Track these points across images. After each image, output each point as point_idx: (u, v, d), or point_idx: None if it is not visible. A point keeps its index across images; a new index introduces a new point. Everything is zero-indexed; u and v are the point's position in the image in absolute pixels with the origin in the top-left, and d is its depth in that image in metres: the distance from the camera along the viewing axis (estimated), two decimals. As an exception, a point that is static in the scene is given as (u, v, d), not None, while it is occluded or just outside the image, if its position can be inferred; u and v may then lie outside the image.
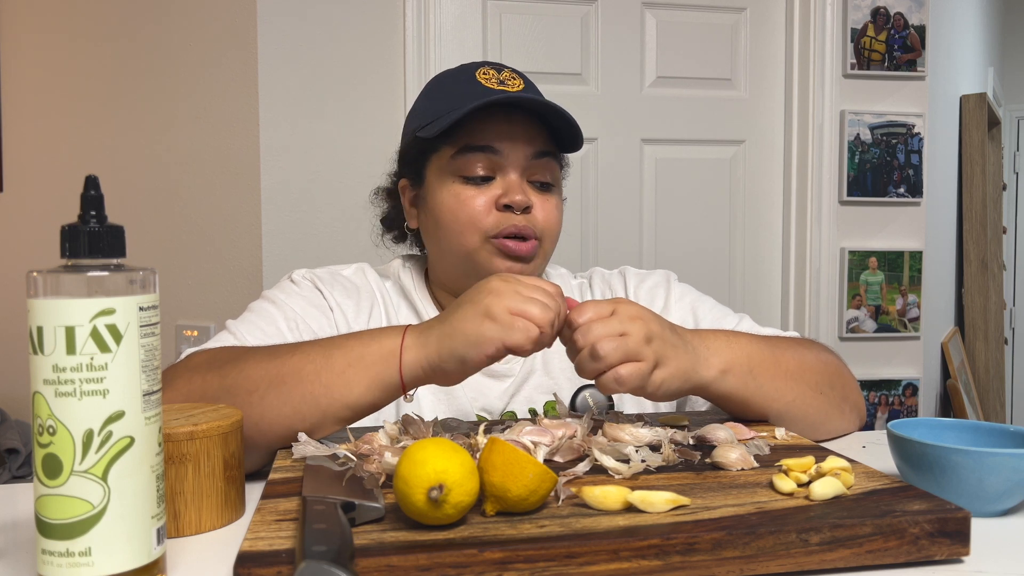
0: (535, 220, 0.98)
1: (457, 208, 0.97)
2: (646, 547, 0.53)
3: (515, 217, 0.96)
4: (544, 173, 0.99)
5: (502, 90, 0.96)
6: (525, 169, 0.98)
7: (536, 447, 0.71)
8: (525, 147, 0.97)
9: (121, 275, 0.51)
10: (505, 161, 0.97)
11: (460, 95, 0.96)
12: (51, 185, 2.28)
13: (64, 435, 0.49)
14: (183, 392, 0.79)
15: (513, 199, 0.95)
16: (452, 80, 1.01)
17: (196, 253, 1.97)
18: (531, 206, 0.97)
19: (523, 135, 0.97)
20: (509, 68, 1.01)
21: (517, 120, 0.97)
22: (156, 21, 2.01)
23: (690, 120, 2.16)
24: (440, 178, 0.99)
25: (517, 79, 1.00)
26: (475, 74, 0.98)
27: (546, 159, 0.99)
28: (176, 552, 0.60)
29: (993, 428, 0.75)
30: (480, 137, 0.96)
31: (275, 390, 0.76)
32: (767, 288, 2.25)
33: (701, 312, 1.07)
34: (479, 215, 0.96)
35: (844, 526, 0.56)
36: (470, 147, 0.96)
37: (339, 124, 1.92)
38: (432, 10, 1.92)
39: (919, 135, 2.18)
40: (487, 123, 0.96)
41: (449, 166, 0.98)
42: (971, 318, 3.00)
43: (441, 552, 0.51)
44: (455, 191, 0.97)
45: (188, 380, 0.80)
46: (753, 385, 0.85)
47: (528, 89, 0.99)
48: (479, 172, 0.97)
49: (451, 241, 0.99)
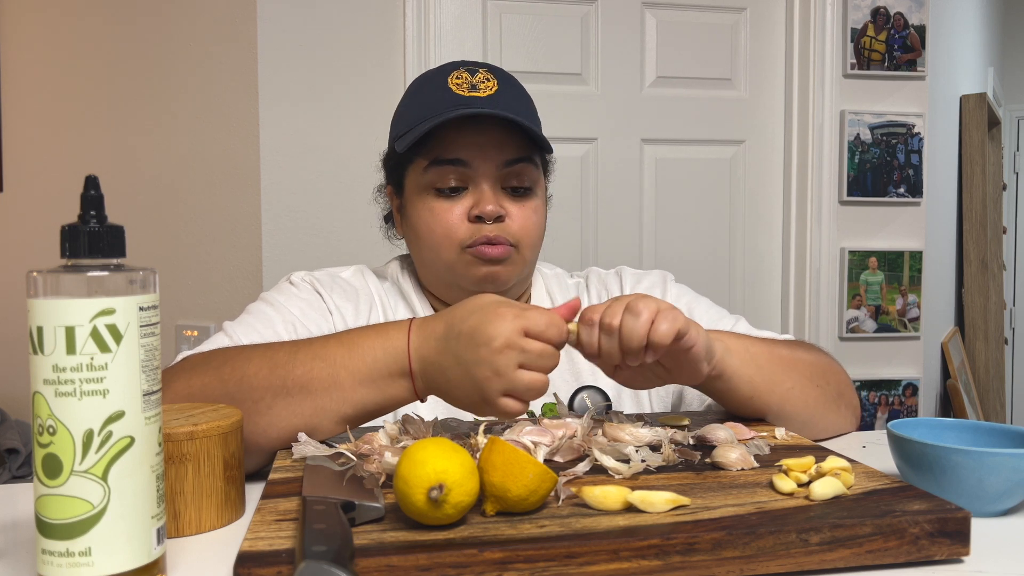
0: (508, 228, 0.97)
1: (432, 222, 0.98)
2: (646, 547, 0.53)
3: (487, 228, 0.96)
4: (520, 178, 0.99)
5: (473, 96, 0.95)
6: (497, 178, 0.98)
7: (536, 447, 0.72)
8: (496, 156, 0.97)
9: (121, 275, 0.51)
10: (476, 172, 0.97)
11: (431, 104, 0.96)
12: (51, 185, 2.28)
13: (64, 435, 0.49)
14: (182, 395, 0.79)
15: (483, 209, 0.95)
16: (428, 85, 1.01)
17: (196, 253, 1.97)
18: (503, 215, 0.97)
19: (493, 144, 0.97)
20: (485, 68, 1.00)
21: (488, 128, 0.97)
22: (156, 21, 2.01)
23: (690, 120, 2.16)
24: (416, 191, 1.00)
25: (491, 80, 0.98)
26: (448, 80, 0.98)
27: (520, 165, 0.98)
28: (176, 552, 0.60)
29: (993, 428, 0.75)
30: (449, 150, 0.97)
31: (282, 400, 0.75)
32: (767, 288, 2.25)
33: (698, 312, 1.08)
34: (453, 228, 0.97)
35: (844, 526, 0.56)
36: (440, 160, 0.97)
37: (339, 124, 1.92)
38: (432, 10, 1.92)
39: (919, 135, 2.18)
40: (457, 132, 0.96)
41: (423, 178, 0.99)
42: (971, 318, 3.00)
43: (441, 552, 0.51)
44: (430, 205, 0.98)
45: (187, 383, 0.80)
46: (754, 366, 0.86)
47: (501, 91, 0.98)
48: (451, 184, 0.97)
49: (429, 253, 1.00)
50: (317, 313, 0.99)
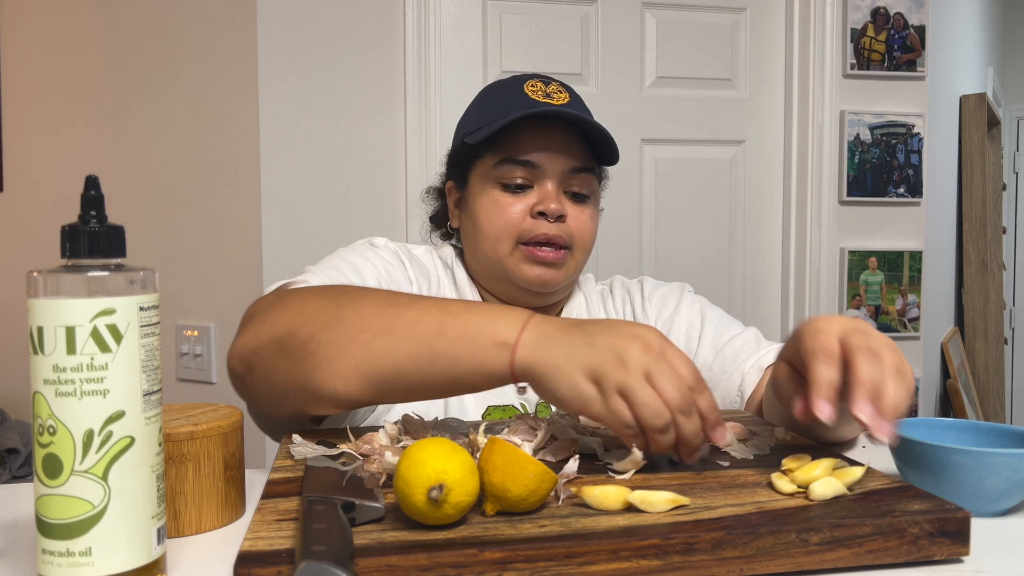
0: (567, 229, 1.02)
1: (495, 213, 1.02)
2: (646, 547, 0.53)
3: (547, 224, 1.01)
4: (581, 185, 1.04)
5: (547, 103, 1.00)
6: (562, 180, 1.02)
7: (521, 444, 0.72)
8: (563, 160, 1.02)
9: (121, 275, 0.51)
10: (543, 172, 1.01)
11: (506, 105, 1.01)
12: (51, 185, 2.28)
13: (64, 435, 0.49)
14: (294, 311, 0.76)
15: (548, 207, 1.00)
16: (502, 90, 1.06)
17: (196, 253, 1.97)
18: (564, 215, 1.01)
19: (562, 148, 1.01)
20: (557, 82, 1.06)
21: (557, 133, 1.02)
22: (156, 21, 2.01)
23: (690, 120, 2.16)
24: (482, 184, 1.04)
25: (563, 92, 1.04)
26: (523, 86, 1.03)
27: (584, 174, 1.03)
28: (176, 552, 0.60)
29: (993, 428, 0.75)
30: (521, 149, 1.01)
31: (383, 338, 0.72)
32: (767, 288, 2.25)
33: (708, 317, 1.12)
34: (514, 221, 1.01)
35: (844, 526, 0.56)
36: (511, 159, 1.01)
37: (339, 124, 1.92)
38: (432, 10, 1.92)
39: (919, 135, 2.18)
40: (529, 134, 1.01)
41: (491, 173, 1.03)
42: (971, 318, 3.00)
43: (441, 552, 0.51)
44: (494, 197, 1.02)
45: (303, 301, 0.77)
46: None
47: (573, 103, 1.03)
48: (517, 180, 1.01)
49: (486, 245, 1.03)
50: (401, 276, 1.02)
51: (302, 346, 0.74)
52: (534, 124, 1.01)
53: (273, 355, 0.77)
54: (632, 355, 0.64)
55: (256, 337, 0.78)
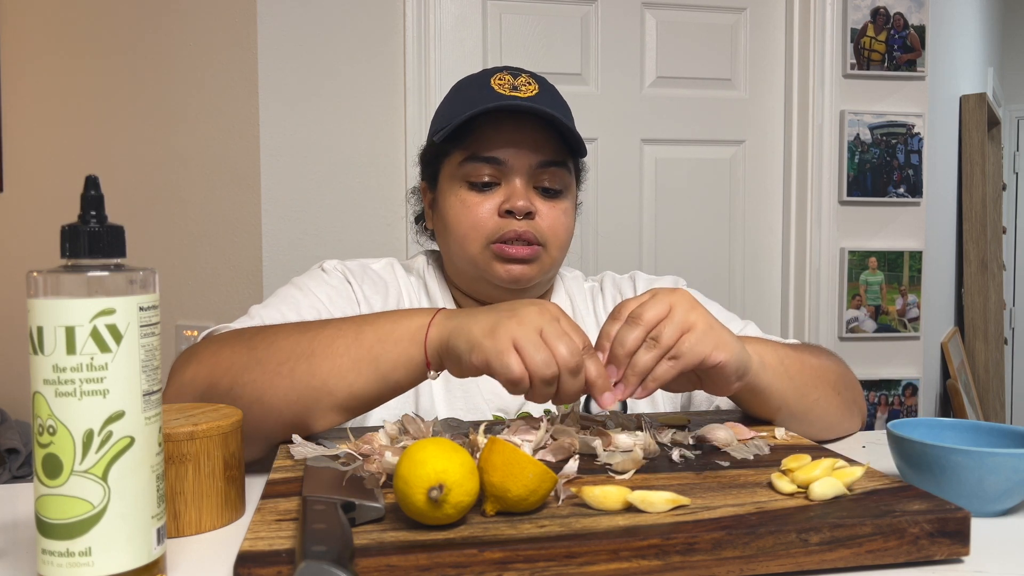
0: (538, 226, 0.99)
1: (462, 213, 0.99)
2: (646, 547, 0.53)
3: (516, 222, 0.97)
4: (552, 180, 1.00)
5: (513, 96, 0.96)
6: (530, 176, 0.99)
7: (521, 444, 0.72)
8: (531, 155, 0.98)
9: (121, 275, 0.51)
10: (510, 169, 0.98)
11: (472, 101, 0.98)
12: (51, 185, 2.28)
13: (64, 435, 0.49)
14: (208, 364, 0.78)
15: (514, 205, 0.97)
16: (469, 86, 1.03)
17: (196, 253, 1.97)
18: (533, 212, 0.98)
19: (529, 143, 0.98)
20: (527, 73, 1.02)
21: (524, 127, 0.98)
22: (156, 22, 2.01)
23: (690, 120, 2.16)
24: (450, 183, 1.01)
25: (532, 84, 1.00)
26: (490, 80, 1.00)
27: (554, 168, 1.00)
28: (176, 552, 0.60)
29: (993, 428, 0.75)
30: (486, 147, 0.98)
31: (306, 361, 0.75)
32: (767, 288, 2.25)
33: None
34: (482, 221, 0.98)
35: (844, 526, 0.56)
36: (476, 156, 0.98)
37: (339, 124, 1.92)
38: (432, 10, 1.92)
39: (919, 135, 2.18)
40: (495, 130, 0.98)
41: (458, 172, 1.00)
42: (971, 318, 3.00)
43: (441, 552, 0.51)
44: (462, 196, 0.99)
45: (215, 353, 0.79)
46: (786, 379, 0.85)
47: (541, 94, 0.99)
48: (484, 178, 0.98)
49: (456, 246, 1.01)
50: (344, 301, 1.00)
51: (226, 394, 0.77)
52: (500, 119, 0.97)
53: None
54: (528, 313, 0.70)
55: (178, 396, 0.80)
